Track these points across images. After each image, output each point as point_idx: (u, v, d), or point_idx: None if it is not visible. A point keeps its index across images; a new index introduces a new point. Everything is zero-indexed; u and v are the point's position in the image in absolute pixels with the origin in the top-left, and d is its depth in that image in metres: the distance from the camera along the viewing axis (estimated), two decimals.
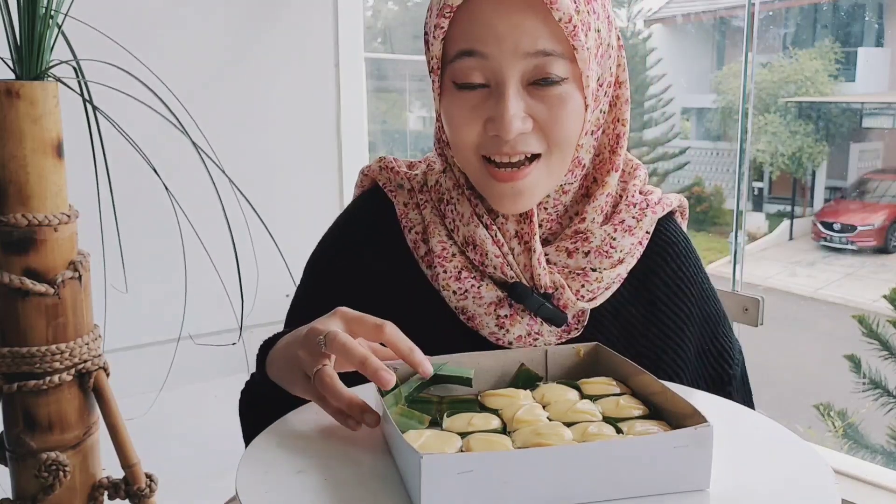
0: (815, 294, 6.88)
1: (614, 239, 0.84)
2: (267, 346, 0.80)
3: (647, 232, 0.87)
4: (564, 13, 0.73)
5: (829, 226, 7.72)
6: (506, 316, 0.81)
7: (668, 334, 0.87)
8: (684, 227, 0.95)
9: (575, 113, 0.78)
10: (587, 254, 0.83)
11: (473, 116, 0.78)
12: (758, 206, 8.64)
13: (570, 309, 0.82)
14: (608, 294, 0.85)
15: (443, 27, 0.77)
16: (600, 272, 0.83)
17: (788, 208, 8.54)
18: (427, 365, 0.66)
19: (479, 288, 0.82)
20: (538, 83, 0.76)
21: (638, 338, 0.85)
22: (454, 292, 0.82)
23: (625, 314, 0.86)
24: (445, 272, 0.83)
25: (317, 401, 0.66)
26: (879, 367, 2.71)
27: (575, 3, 0.74)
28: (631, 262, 0.86)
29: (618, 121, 0.85)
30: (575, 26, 0.74)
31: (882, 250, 7.40)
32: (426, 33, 0.81)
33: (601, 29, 0.79)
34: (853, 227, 7.48)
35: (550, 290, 0.82)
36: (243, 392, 0.87)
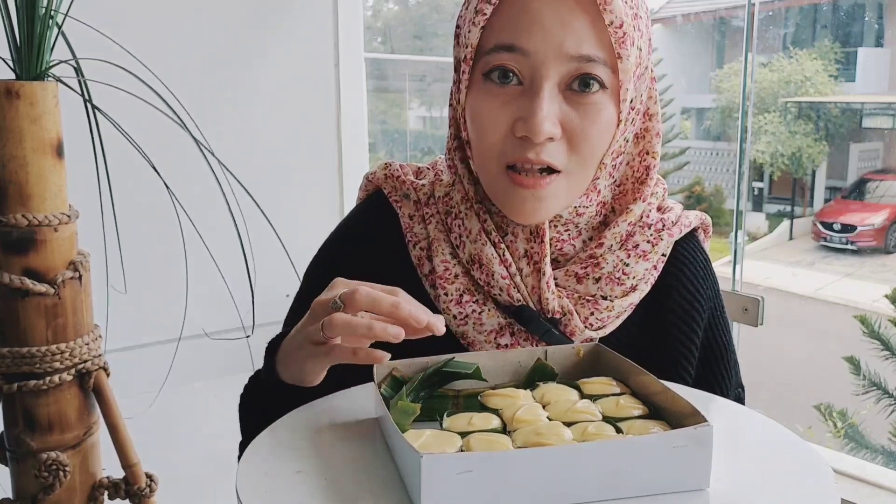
0: (815, 294, 6.89)
1: (627, 265, 0.80)
2: (274, 347, 0.77)
3: (664, 255, 0.83)
4: (617, 17, 0.71)
5: (829, 226, 7.73)
6: (506, 345, 0.79)
7: (678, 359, 0.84)
8: (707, 245, 0.91)
9: (606, 126, 0.75)
10: (598, 280, 0.80)
11: (502, 115, 0.74)
12: (758, 206, 8.64)
13: (577, 336, 0.79)
14: (618, 322, 0.82)
15: (485, 14, 0.73)
16: (611, 300, 0.80)
17: (788, 208, 8.55)
18: (441, 325, 0.65)
19: (480, 314, 0.79)
20: (575, 88, 0.73)
21: (645, 364, 0.80)
22: (454, 316, 0.80)
23: (635, 342, 0.83)
24: (447, 295, 0.80)
25: (336, 359, 0.65)
26: (880, 367, 2.71)
27: (626, 12, 0.72)
28: (644, 289, 0.82)
29: (647, 153, 0.82)
30: (625, 33, 0.72)
31: (882, 250, 7.40)
32: (459, 26, 0.78)
33: (642, 49, 0.76)
34: (853, 227, 7.49)
35: (558, 315, 0.79)
36: (244, 392, 0.85)
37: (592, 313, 0.80)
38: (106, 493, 1.15)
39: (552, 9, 0.71)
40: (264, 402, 0.77)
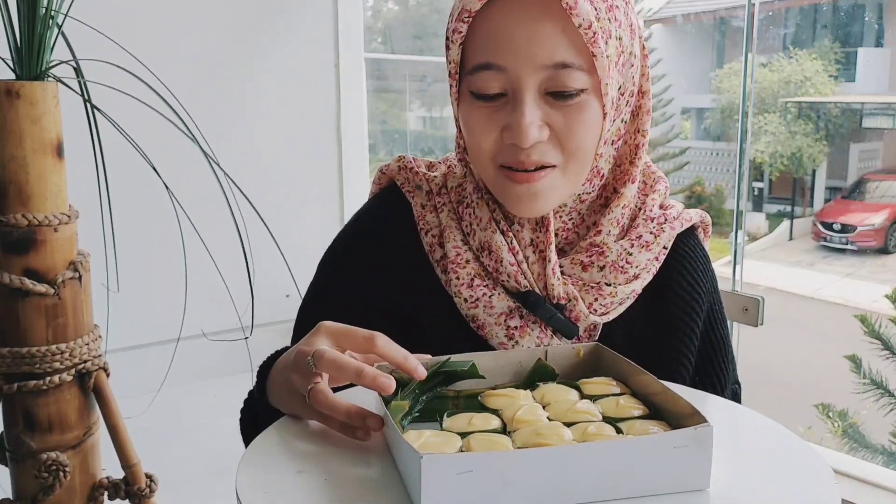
0: (815, 294, 6.88)
1: (630, 254, 0.83)
2: (266, 368, 0.78)
3: (665, 248, 0.86)
4: (584, 19, 0.72)
5: (829, 226, 7.73)
6: (516, 327, 0.81)
7: (679, 349, 0.85)
8: (707, 243, 0.93)
9: (592, 123, 0.77)
10: (602, 268, 0.82)
11: (490, 124, 0.77)
12: (758, 207, 8.64)
13: (582, 322, 0.81)
14: (621, 309, 0.84)
15: (461, 32, 0.76)
16: (615, 287, 0.82)
17: (788, 208, 8.55)
18: (421, 369, 0.66)
19: (490, 297, 0.81)
20: (555, 94, 0.75)
21: (647, 355, 0.81)
22: (465, 300, 0.81)
23: (636, 331, 0.85)
24: (458, 278, 0.82)
25: (319, 420, 0.66)
26: (880, 367, 2.71)
27: (595, 10, 0.73)
28: (647, 279, 0.84)
29: (637, 131, 0.84)
30: (595, 33, 0.73)
31: (882, 250, 7.40)
32: (447, 37, 0.80)
33: (623, 37, 0.77)
34: (853, 227, 7.49)
35: (563, 301, 0.81)
36: (242, 410, 0.86)
37: (597, 299, 0.82)
38: (106, 493, 1.15)
39: (519, 22, 0.73)
40: (259, 421, 0.77)
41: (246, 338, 1.23)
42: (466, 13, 0.75)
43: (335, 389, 0.67)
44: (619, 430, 0.60)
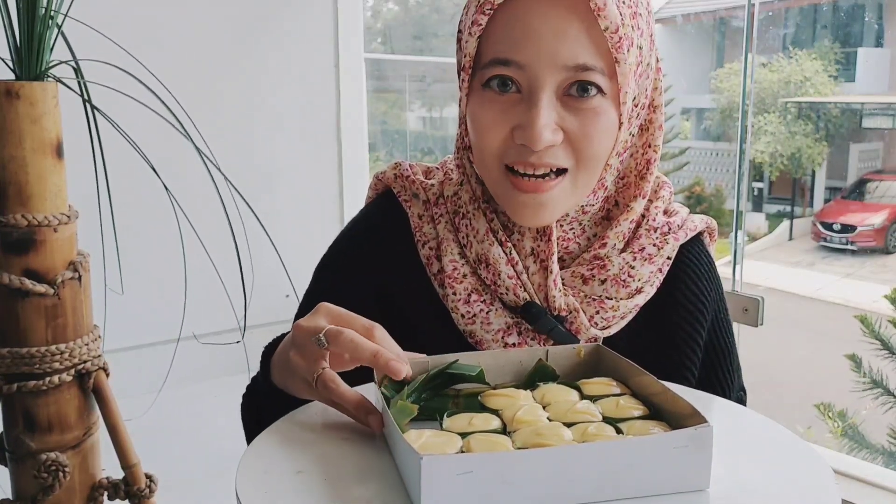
0: (815, 294, 6.88)
1: (633, 268, 0.81)
2: (270, 351, 0.78)
3: (669, 258, 0.84)
4: (612, 22, 0.70)
5: (828, 226, 7.73)
6: (514, 344, 0.79)
7: (682, 360, 0.84)
8: (713, 249, 0.91)
9: (608, 130, 0.75)
10: (603, 282, 0.80)
11: (501, 121, 0.74)
12: (758, 207, 8.65)
13: (583, 334, 0.80)
14: (623, 323, 0.82)
15: (481, 24, 0.74)
16: (616, 301, 0.80)
17: (788, 208, 8.55)
18: (406, 369, 0.65)
19: (487, 313, 0.80)
20: (573, 94, 0.73)
21: (650, 363, 0.77)
22: (462, 315, 0.80)
23: (638, 342, 0.83)
24: (455, 294, 0.80)
25: (326, 403, 0.65)
26: (880, 367, 2.71)
27: (621, 14, 0.71)
28: (650, 292, 0.82)
29: (649, 146, 0.82)
30: (620, 38, 0.71)
31: (882, 250, 7.40)
32: (460, 31, 0.78)
33: (643, 46, 0.75)
34: (853, 228, 7.49)
35: (564, 313, 0.79)
36: (245, 395, 0.86)
37: (598, 311, 0.80)
38: (105, 493, 1.15)
39: (545, 19, 0.71)
40: (262, 405, 0.77)
41: (238, 342, 1.23)
42: (489, 4, 0.72)
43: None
44: (619, 431, 0.60)
